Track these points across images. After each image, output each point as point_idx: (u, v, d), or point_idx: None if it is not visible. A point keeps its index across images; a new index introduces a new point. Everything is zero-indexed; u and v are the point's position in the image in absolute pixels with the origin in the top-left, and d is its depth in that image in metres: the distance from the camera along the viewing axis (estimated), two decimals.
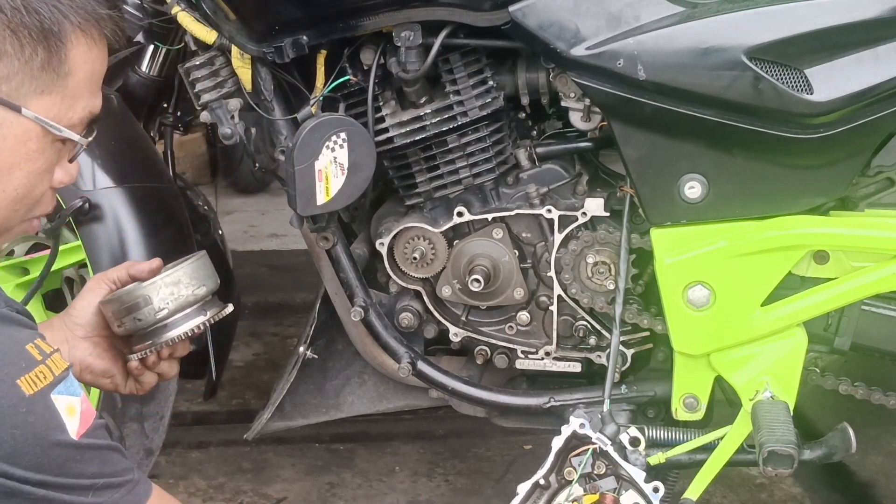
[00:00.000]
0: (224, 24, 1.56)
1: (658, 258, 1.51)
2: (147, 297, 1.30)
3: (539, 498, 1.50)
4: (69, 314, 1.35)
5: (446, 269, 1.69)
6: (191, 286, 1.32)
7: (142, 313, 1.30)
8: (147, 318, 1.31)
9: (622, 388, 1.63)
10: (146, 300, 1.30)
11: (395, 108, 1.61)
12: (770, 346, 1.50)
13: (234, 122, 1.60)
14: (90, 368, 1.32)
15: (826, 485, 2.19)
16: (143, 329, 1.32)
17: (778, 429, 1.39)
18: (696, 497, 1.51)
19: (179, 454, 2.34)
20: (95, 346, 1.33)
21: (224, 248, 2.17)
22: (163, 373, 1.38)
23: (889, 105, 1.41)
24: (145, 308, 1.30)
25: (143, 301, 1.30)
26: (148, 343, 1.32)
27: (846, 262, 1.49)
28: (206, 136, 4.21)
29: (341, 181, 1.52)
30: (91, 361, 1.32)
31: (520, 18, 1.46)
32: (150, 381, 1.37)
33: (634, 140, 1.48)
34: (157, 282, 1.31)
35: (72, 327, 1.33)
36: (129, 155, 1.81)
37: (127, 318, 1.31)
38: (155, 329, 1.32)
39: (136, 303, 1.30)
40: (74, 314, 1.34)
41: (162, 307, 1.31)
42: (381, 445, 2.40)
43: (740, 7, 1.42)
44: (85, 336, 1.33)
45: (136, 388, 1.37)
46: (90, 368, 1.32)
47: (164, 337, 1.32)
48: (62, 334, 1.32)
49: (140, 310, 1.30)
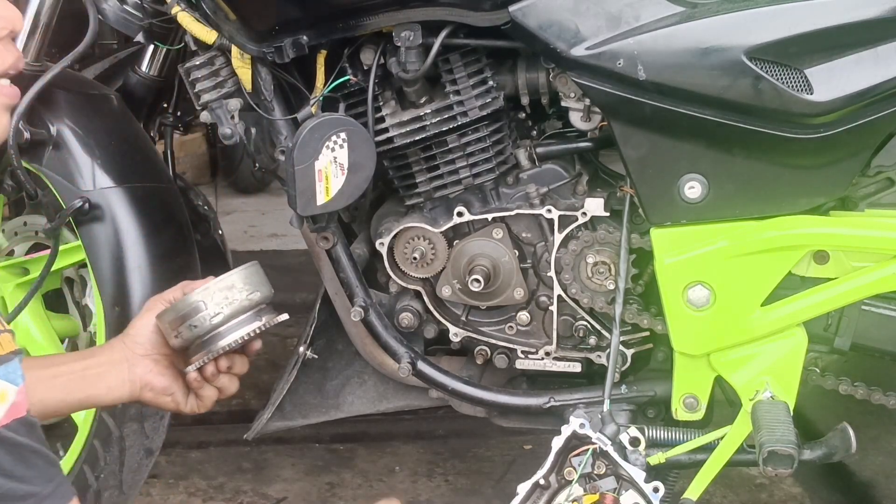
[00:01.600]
0: (224, 24, 1.56)
1: (658, 258, 1.51)
2: (202, 303, 1.31)
3: (539, 498, 1.50)
4: (128, 334, 1.36)
5: (446, 269, 1.69)
6: (244, 290, 1.33)
7: (197, 319, 1.31)
8: (203, 325, 1.31)
9: (622, 388, 1.63)
10: (201, 306, 1.30)
11: (395, 108, 1.61)
12: (770, 346, 1.50)
13: (234, 122, 1.60)
14: (150, 386, 1.32)
15: (826, 485, 2.19)
16: (200, 337, 1.32)
17: (778, 429, 1.39)
18: (696, 497, 1.51)
19: (179, 454, 2.34)
20: (155, 364, 1.34)
21: (224, 248, 2.17)
22: (222, 388, 1.37)
23: (889, 105, 1.41)
24: (200, 314, 1.30)
25: (198, 307, 1.30)
26: (204, 352, 1.32)
27: (846, 262, 1.49)
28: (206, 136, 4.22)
29: (341, 181, 1.52)
30: (151, 379, 1.33)
31: (520, 18, 1.46)
32: (211, 396, 1.37)
33: (634, 140, 1.48)
34: (211, 287, 1.32)
35: (131, 346, 1.34)
36: (129, 155, 1.81)
37: (183, 326, 1.31)
38: (211, 336, 1.32)
39: (190, 309, 1.31)
40: (133, 333, 1.35)
41: (217, 312, 1.31)
42: (381, 445, 2.40)
43: (740, 7, 1.42)
44: (144, 354, 1.33)
45: (196, 406, 1.37)
46: (150, 386, 1.32)
47: (220, 343, 1.32)
48: (121, 353, 1.33)
49: (195, 316, 1.31)
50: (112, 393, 1.31)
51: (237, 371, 1.38)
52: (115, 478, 1.78)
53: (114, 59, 2.08)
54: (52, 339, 1.95)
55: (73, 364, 1.31)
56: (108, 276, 1.74)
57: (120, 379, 1.31)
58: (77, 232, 1.78)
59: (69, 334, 2.05)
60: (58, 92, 1.76)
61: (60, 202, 1.75)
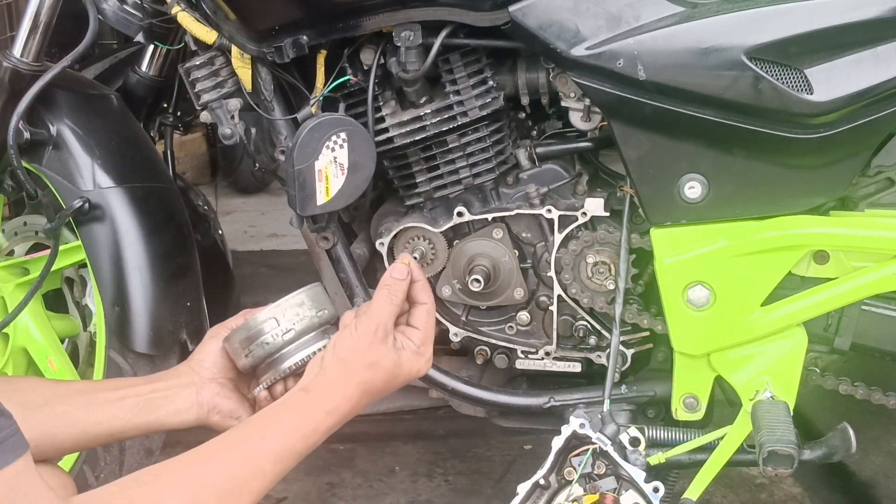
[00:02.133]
0: (224, 24, 1.56)
1: (658, 258, 1.51)
2: (274, 320, 1.31)
3: (539, 498, 1.50)
4: (193, 358, 1.36)
5: (446, 269, 1.69)
6: (314, 307, 1.33)
7: (269, 336, 1.31)
8: (275, 341, 1.32)
9: (622, 388, 1.63)
10: (273, 323, 1.31)
11: (395, 108, 1.61)
12: (770, 346, 1.50)
13: (234, 122, 1.60)
14: (218, 409, 1.32)
15: (826, 485, 2.19)
16: (271, 355, 1.32)
17: (778, 429, 1.39)
18: (696, 497, 1.51)
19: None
20: (222, 387, 1.34)
21: (224, 248, 2.17)
22: None
23: (889, 105, 1.41)
24: (273, 331, 1.31)
25: (271, 324, 1.31)
26: (273, 371, 1.33)
27: (846, 262, 1.49)
28: (206, 136, 4.22)
29: (341, 181, 1.52)
30: (219, 402, 1.32)
31: (520, 18, 1.46)
32: None
33: (634, 140, 1.48)
34: (282, 304, 1.32)
35: (198, 370, 1.34)
36: (129, 155, 1.81)
37: (254, 344, 1.31)
38: (281, 355, 1.32)
39: (262, 327, 1.31)
40: (199, 358, 1.35)
41: (289, 328, 1.32)
42: (381, 445, 2.40)
43: (740, 7, 1.42)
44: (211, 378, 1.33)
45: None
46: (218, 409, 1.32)
47: (291, 361, 1.32)
48: (189, 378, 1.33)
49: (267, 333, 1.31)
50: (179, 416, 1.31)
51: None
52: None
53: (114, 59, 2.08)
54: (52, 340, 1.95)
55: (140, 387, 1.31)
56: (108, 276, 1.74)
57: (188, 402, 1.31)
58: (77, 232, 1.78)
59: (69, 334, 2.05)
60: (58, 92, 1.76)
61: (60, 202, 1.76)
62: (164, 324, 1.76)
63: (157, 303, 1.75)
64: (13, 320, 1.84)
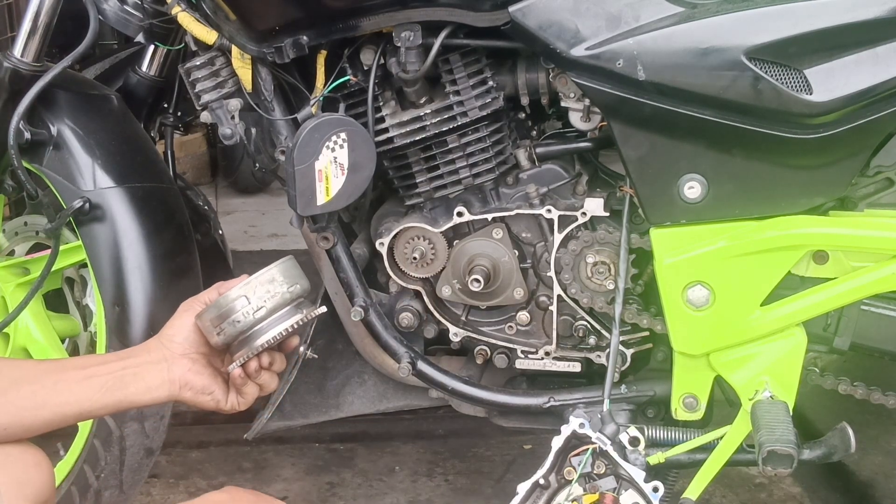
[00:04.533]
0: (224, 24, 1.56)
1: (658, 258, 1.51)
2: (244, 298, 1.30)
3: (539, 498, 1.50)
4: (164, 334, 1.35)
5: (446, 269, 1.69)
6: (285, 283, 1.32)
7: (240, 314, 1.30)
8: (246, 319, 1.31)
9: (622, 388, 1.63)
10: (243, 301, 1.30)
11: (395, 108, 1.61)
12: (769, 346, 1.50)
13: (234, 123, 1.60)
14: (190, 385, 1.31)
15: (826, 484, 2.19)
16: (243, 332, 1.32)
17: (777, 428, 1.39)
18: (696, 497, 1.51)
19: (180, 454, 2.34)
20: (194, 363, 1.33)
21: (224, 248, 2.17)
22: (263, 384, 1.36)
23: (888, 105, 1.41)
24: (244, 309, 1.30)
25: (241, 302, 1.30)
26: (247, 348, 1.32)
27: (846, 262, 1.49)
28: (206, 136, 4.22)
29: (341, 181, 1.52)
30: (190, 378, 1.31)
31: (520, 19, 1.46)
32: (252, 394, 1.36)
33: (634, 140, 1.48)
34: (252, 281, 1.31)
35: (169, 346, 1.33)
36: (129, 155, 1.81)
37: (226, 322, 1.31)
38: (254, 332, 1.32)
39: (233, 305, 1.30)
40: (170, 333, 1.34)
41: (260, 306, 1.31)
42: (381, 445, 2.40)
43: (740, 7, 1.42)
44: (183, 353, 1.33)
45: (237, 403, 1.36)
46: (190, 385, 1.31)
47: (264, 338, 1.31)
48: (159, 353, 1.32)
49: (238, 311, 1.30)
50: (150, 393, 1.30)
51: (276, 368, 1.38)
52: (116, 477, 1.78)
53: (114, 60, 2.08)
54: (53, 339, 1.95)
55: (109, 364, 1.30)
56: (108, 276, 1.74)
57: (159, 379, 1.30)
58: (77, 232, 1.78)
59: (70, 334, 2.05)
60: (58, 92, 1.77)
61: (61, 202, 1.76)
62: (164, 324, 1.76)
63: (157, 303, 1.75)
64: (14, 320, 1.84)
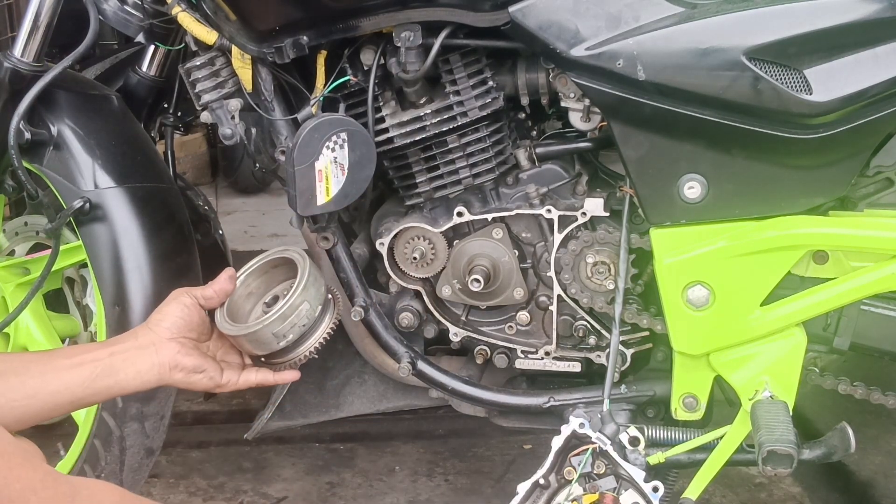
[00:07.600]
0: (224, 24, 1.56)
1: (657, 258, 1.51)
2: (279, 321, 1.38)
3: (539, 497, 1.50)
4: (151, 320, 1.36)
5: (446, 269, 1.69)
6: (316, 300, 1.42)
7: (275, 342, 1.39)
8: (282, 345, 1.39)
9: (622, 388, 1.63)
10: (278, 325, 1.38)
11: (395, 109, 1.61)
12: (769, 346, 1.50)
13: (234, 123, 1.60)
14: (180, 366, 1.32)
15: (825, 484, 2.19)
16: (281, 352, 1.41)
17: (777, 428, 1.39)
18: (696, 497, 1.51)
19: (180, 454, 2.34)
20: (182, 346, 1.34)
21: (224, 248, 2.17)
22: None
23: (888, 105, 1.41)
24: (280, 337, 1.39)
25: (275, 327, 1.38)
26: (284, 360, 1.42)
27: (845, 262, 1.49)
28: (206, 137, 4.22)
29: (341, 181, 1.52)
30: (180, 359, 1.33)
31: (520, 19, 1.46)
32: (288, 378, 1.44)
33: (634, 140, 1.48)
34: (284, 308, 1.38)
35: (156, 330, 1.34)
36: (129, 155, 1.81)
37: (261, 348, 1.39)
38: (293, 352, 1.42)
39: (268, 334, 1.38)
40: (158, 318, 1.36)
41: (291, 332, 1.40)
42: (381, 445, 2.40)
43: (740, 7, 1.42)
44: (170, 338, 1.34)
45: (235, 380, 1.40)
46: (180, 366, 1.32)
47: (300, 352, 1.42)
48: (147, 338, 1.33)
49: (274, 339, 1.39)
50: (140, 377, 1.31)
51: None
52: (116, 477, 1.78)
53: (114, 60, 2.08)
54: (53, 339, 1.96)
55: (97, 352, 1.30)
56: (108, 276, 1.74)
57: (148, 363, 1.31)
58: (77, 232, 1.79)
59: (70, 334, 2.05)
60: (58, 92, 1.77)
61: (61, 202, 1.76)
62: None
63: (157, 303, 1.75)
64: (14, 320, 1.84)
